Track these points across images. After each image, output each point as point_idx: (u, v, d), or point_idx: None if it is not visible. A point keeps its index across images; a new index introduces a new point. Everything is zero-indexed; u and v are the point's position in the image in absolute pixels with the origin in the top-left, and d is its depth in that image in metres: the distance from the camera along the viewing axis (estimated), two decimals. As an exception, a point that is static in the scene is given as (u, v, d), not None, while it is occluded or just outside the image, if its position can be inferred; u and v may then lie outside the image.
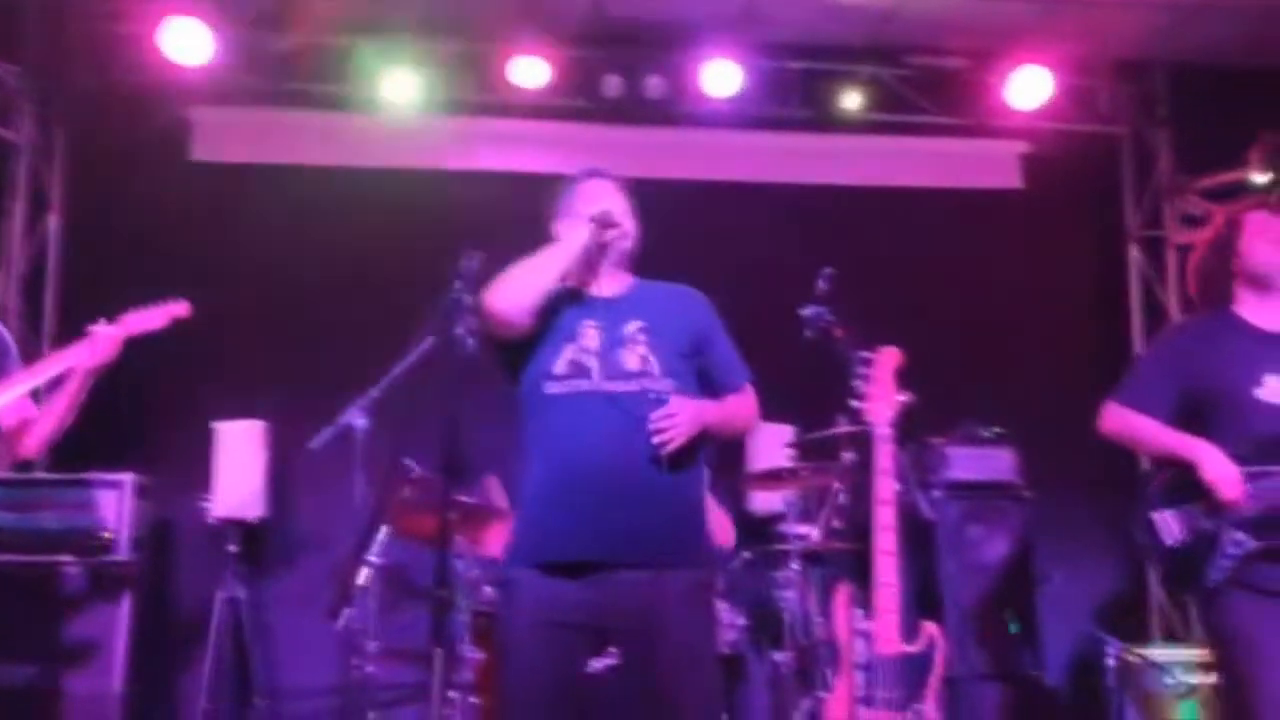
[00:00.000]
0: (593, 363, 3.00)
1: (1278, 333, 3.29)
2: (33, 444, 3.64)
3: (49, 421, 3.62)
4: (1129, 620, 5.89)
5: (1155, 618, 6.08)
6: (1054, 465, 5.46)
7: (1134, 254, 6.43)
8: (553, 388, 2.99)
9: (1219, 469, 3.15)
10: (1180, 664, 5.02)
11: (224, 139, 5.96)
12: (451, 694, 4.35)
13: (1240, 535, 3.12)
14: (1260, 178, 6.03)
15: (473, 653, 4.38)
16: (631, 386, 2.97)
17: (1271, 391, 3.20)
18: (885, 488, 3.88)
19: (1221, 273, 3.38)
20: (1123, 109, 6.42)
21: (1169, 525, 3.24)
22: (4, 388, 3.54)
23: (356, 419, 4.45)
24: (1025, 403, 5.71)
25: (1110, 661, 5.12)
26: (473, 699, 4.36)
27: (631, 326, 3.05)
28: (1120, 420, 3.36)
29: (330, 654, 5.28)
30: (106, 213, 5.79)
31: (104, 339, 3.54)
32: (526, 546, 2.97)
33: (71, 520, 4.77)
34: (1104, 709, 5.11)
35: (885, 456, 3.89)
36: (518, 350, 3.05)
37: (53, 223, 5.77)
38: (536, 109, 6.04)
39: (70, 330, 3.77)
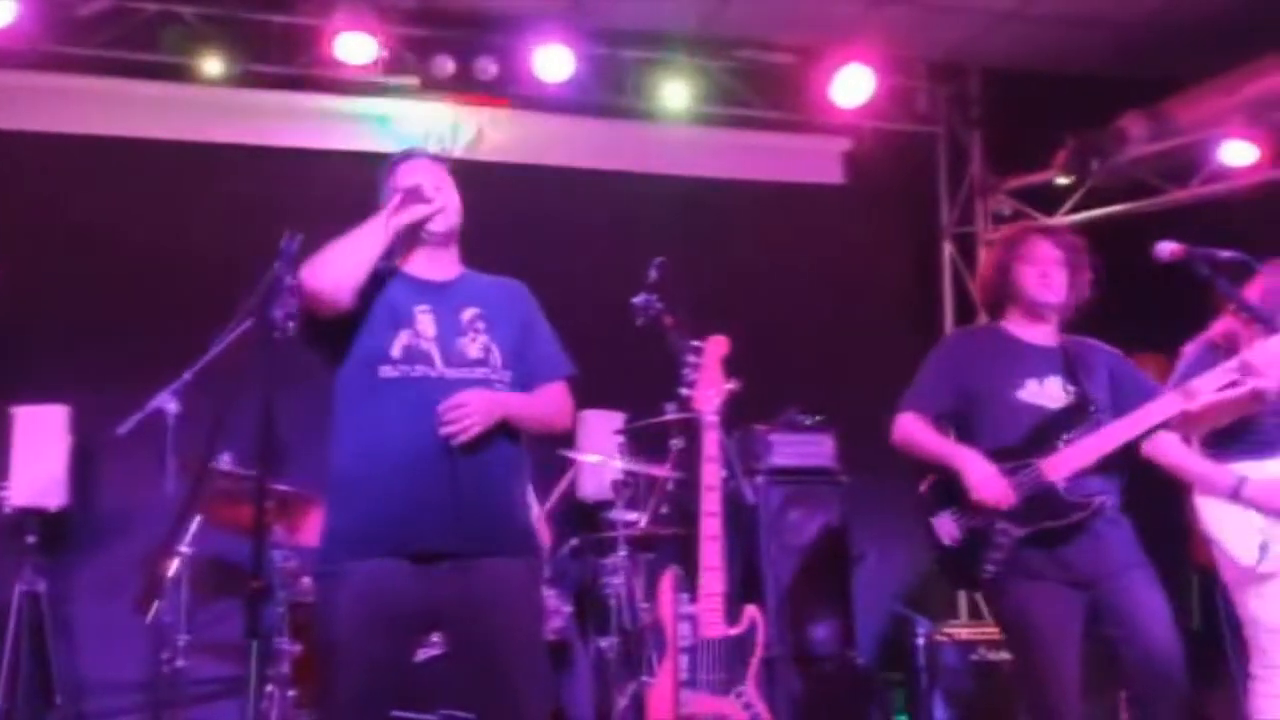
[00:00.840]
0: (432, 349, 2.93)
1: (1041, 345, 3.56)
2: None
3: None
4: (937, 600, 6.14)
5: (962, 597, 6.36)
6: (870, 450, 5.61)
7: (948, 249, 6.70)
8: (388, 372, 2.91)
9: (978, 473, 3.36)
10: (984, 642, 5.26)
11: (22, 105, 5.58)
12: (269, 687, 4.24)
13: (1007, 525, 3.33)
14: (1063, 179, 6.37)
15: (290, 645, 4.26)
16: (474, 375, 2.94)
17: (1030, 393, 3.47)
18: (711, 474, 3.95)
19: (1001, 292, 3.62)
20: (939, 110, 6.67)
21: (946, 527, 3.44)
22: None
23: (167, 404, 4.25)
24: (845, 390, 5.87)
25: (919, 640, 5.33)
26: (290, 692, 4.25)
27: (468, 313, 3.00)
28: (905, 431, 3.60)
29: (138, 648, 5.07)
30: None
31: None
32: (356, 535, 2.89)
33: None
34: (913, 686, 5.31)
35: (712, 443, 3.96)
36: (339, 330, 2.95)
37: None
38: (365, 87, 5.89)
39: None
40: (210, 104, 5.73)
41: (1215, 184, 6.03)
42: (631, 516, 4.68)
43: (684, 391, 3.99)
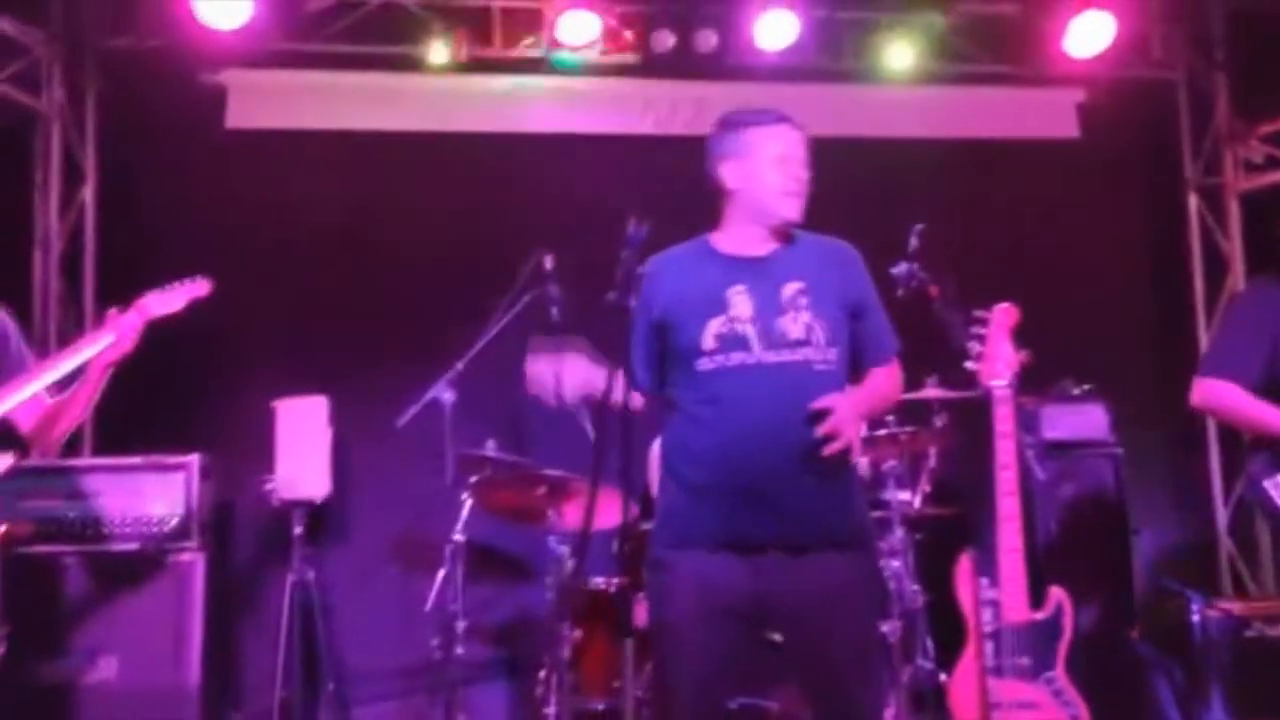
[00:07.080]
0: (749, 331, 2.80)
1: None
2: (51, 441, 3.41)
3: (69, 417, 3.37)
4: (1199, 573, 5.81)
5: (1225, 570, 6.03)
6: (1132, 418, 5.35)
7: (1194, 203, 6.29)
8: (704, 364, 2.81)
9: None
10: (1259, 617, 4.97)
11: (262, 104, 5.67)
12: (542, 673, 4.25)
13: None
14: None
15: (570, 630, 4.24)
16: (795, 357, 2.79)
17: None
18: (1006, 451, 3.77)
19: None
20: (1178, 53, 6.26)
21: None
22: (16, 386, 3.26)
23: (444, 393, 4.27)
24: (1093, 356, 5.58)
25: (1194, 617, 5.06)
26: (569, 675, 4.24)
27: (790, 289, 2.83)
28: (1211, 394, 3.32)
29: (395, 634, 5.17)
30: (139, 185, 5.54)
31: (124, 328, 3.30)
32: (684, 527, 2.83)
33: (136, 506, 4.56)
34: (1190, 664, 5.04)
35: (1005, 419, 3.77)
36: (657, 331, 2.89)
37: (88, 196, 5.50)
38: (585, 65, 5.83)
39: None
40: (438, 92, 5.76)
41: None
42: (904, 496, 4.52)
43: (970, 365, 3.82)
